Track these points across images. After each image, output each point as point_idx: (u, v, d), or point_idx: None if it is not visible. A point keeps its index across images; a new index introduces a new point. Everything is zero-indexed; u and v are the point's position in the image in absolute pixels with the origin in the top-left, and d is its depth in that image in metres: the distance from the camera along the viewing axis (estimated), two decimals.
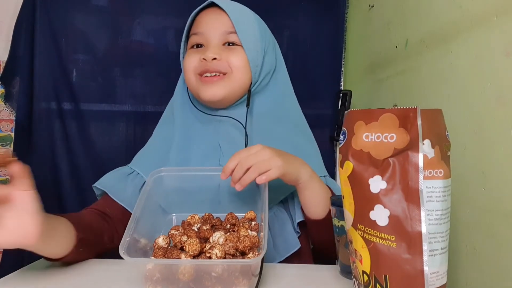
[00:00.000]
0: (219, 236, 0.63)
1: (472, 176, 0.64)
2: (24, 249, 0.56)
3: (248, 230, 0.65)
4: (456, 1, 0.71)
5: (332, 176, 0.90)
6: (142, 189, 0.72)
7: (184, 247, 0.61)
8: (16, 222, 0.51)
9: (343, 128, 0.52)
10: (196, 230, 0.67)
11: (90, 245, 0.70)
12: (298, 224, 0.79)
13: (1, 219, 0.51)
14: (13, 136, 1.39)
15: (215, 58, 0.78)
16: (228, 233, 0.65)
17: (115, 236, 0.76)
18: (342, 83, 1.43)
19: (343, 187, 0.52)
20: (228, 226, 0.70)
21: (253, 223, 0.69)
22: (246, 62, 0.80)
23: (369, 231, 0.48)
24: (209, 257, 0.59)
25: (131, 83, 1.39)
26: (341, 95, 1.38)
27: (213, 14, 0.81)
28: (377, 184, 0.47)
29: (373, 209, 0.48)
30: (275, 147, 0.71)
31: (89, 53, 1.37)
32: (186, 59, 0.83)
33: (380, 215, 0.47)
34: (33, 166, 1.45)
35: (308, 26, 1.41)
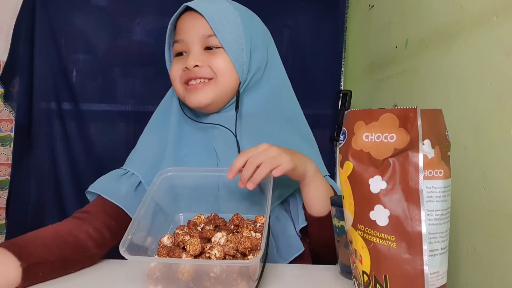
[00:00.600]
0: (220, 237, 0.63)
1: (472, 176, 0.64)
2: None
3: (252, 232, 0.65)
4: (456, 1, 0.71)
5: (332, 176, 0.90)
6: (148, 188, 0.72)
7: (185, 247, 0.61)
8: None
9: (343, 128, 0.52)
10: (200, 230, 0.68)
11: (55, 263, 0.64)
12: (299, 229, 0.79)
13: None
14: (13, 136, 1.39)
15: (196, 65, 0.77)
16: (231, 234, 0.65)
17: (99, 235, 0.72)
18: (342, 83, 1.43)
19: (343, 187, 0.52)
20: (232, 226, 0.70)
21: (258, 224, 0.69)
22: (230, 64, 0.78)
23: (369, 231, 0.48)
24: (209, 257, 0.60)
25: (131, 83, 1.39)
26: (341, 95, 1.38)
27: (190, 19, 0.79)
28: (377, 184, 0.47)
29: (373, 209, 0.47)
30: None
31: (89, 53, 1.37)
32: (171, 68, 0.82)
33: (380, 215, 0.47)
34: (33, 166, 1.47)
35: (308, 26, 1.41)
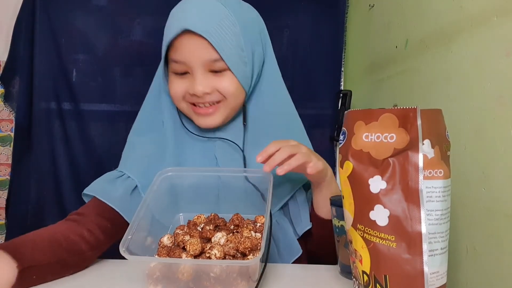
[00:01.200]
0: (220, 237, 0.63)
1: (472, 176, 0.64)
2: None
3: (252, 232, 0.65)
4: (456, 1, 0.71)
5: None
6: (145, 189, 0.72)
7: (186, 247, 0.61)
8: None
9: (343, 128, 0.52)
10: (200, 230, 0.68)
11: (50, 266, 0.64)
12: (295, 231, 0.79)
13: None
14: (13, 136, 1.39)
15: (206, 93, 0.74)
16: (231, 234, 0.65)
17: (93, 238, 0.71)
18: (342, 83, 1.43)
19: (343, 187, 0.52)
20: (232, 226, 0.70)
21: (258, 224, 0.69)
22: (238, 84, 0.75)
23: (369, 231, 0.48)
24: (209, 257, 0.60)
25: (131, 83, 1.39)
26: (341, 95, 1.38)
27: (191, 40, 0.71)
28: (377, 184, 0.47)
29: (373, 209, 0.47)
30: None
31: (89, 53, 1.37)
32: (171, 86, 0.78)
33: (380, 215, 0.47)
34: (33, 166, 1.47)
35: (308, 26, 1.41)
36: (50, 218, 1.31)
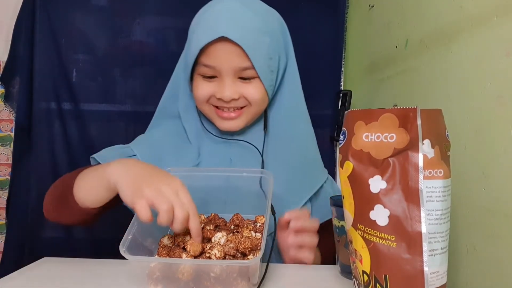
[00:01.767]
0: (220, 237, 0.63)
1: (472, 176, 0.64)
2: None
3: (252, 232, 0.65)
4: (456, 1, 0.71)
5: (332, 176, 0.90)
6: None
7: (186, 247, 0.61)
8: None
9: (343, 128, 0.52)
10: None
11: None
12: None
13: None
14: (13, 136, 1.39)
15: (233, 99, 0.75)
16: (231, 234, 0.65)
17: None
18: (342, 83, 1.43)
19: (343, 187, 0.52)
20: (232, 227, 0.70)
21: (258, 224, 0.69)
22: (264, 91, 0.76)
23: (369, 231, 0.48)
24: (209, 257, 0.60)
25: (131, 83, 1.39)
26: (341, 95, 1.38)
27: (225, 47, 0.72)
28: (377, 184, 0.47)
29: (373, 209, 0.47)
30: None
31: (89, 53, 1.37)
32: (196, 87, 0.78)
33: (380, 215, 0.47)
34: (33, 166, 1.47)
35: (308, 26, 1.41)
36: None
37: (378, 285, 0.48)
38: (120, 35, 1.38)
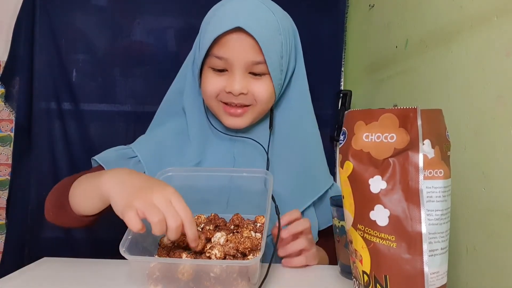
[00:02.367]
0: (219, 236, 0.63)
1: (472, 176, 0.64)
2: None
3: (252, 232, 0.65)
4: (456, 1, 0.71)
5: (332, 176, 0.90)
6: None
7: (186, 246, 0.61)
8: None
9: (343, 128, 0.52)
10: (200, 230, 0.68)
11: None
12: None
13: None
14: (13, 136, 1.39)
15: (242, 93, 0.74)
16: (231, 234, 0.65)
17: None
18: (342, 83, 1.43)
19: (343, 187, 0.52)
20: (232, 227, 0.70)
21: (258, 224, 0.69)
22: (272, 90, 0.76)
23: (369, 231, 0.48)
24: (209, 257, 0.60)
25: (131, 83, 1.39)
26: (341, 95, 1.38)
27: (241, 38, 0.72)
28: (377, 184, 0.47)
29: (373, 209, 0.47)
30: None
31: (89, 53, 1.37)
32: (205, 81, 0.77)
33: (380, 215, 0.47)
34: (33, 166, 1.47)
35: (308, 26, 1.41)
36: None
37: (378, 285, 0.48)
38: (120, 35, 1.38)
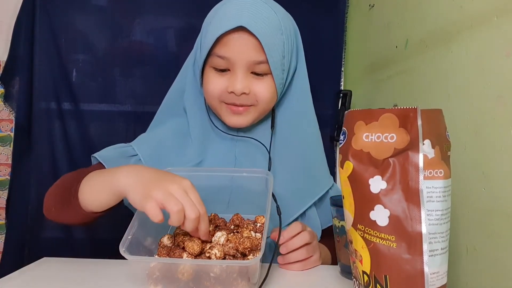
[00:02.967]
0: (219, 236, 0.63)
1: (472, 176, 0.64)
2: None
3: (252, 232, 0.65)
4: (456, 1, 0.71)
5: (332, 176, 0.90)
6: None
7: (185, 247, 0.61)
8: None
9: (343, 128, 0.52)
10: None
11: None
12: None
13: None
14: (13, 136, 1.39)
15: (244, 93, 0.74)
16: (231, 234, 0.65)
17: None
18: (342, 83, 1.43)
19: (343, 187, 0.52)
20: (232, 227, 0.70)
21: (258, 224, 0.69)
22: (274, 90, 0.76)
23: (369, 231, 0.48)
24: (209, 257, 0.60)
25: (131, 83, 1.39)
26: (341, 95, 1.38)
27: (243, 37, 0.72)
28: (377, 184, 0.47)
29: (373, 209, 0.47)
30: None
31: (89, 53, 1.37)
32: (207, 81, 0.76)
33: (380, 215, 0.47)
34: (33, 166, 1.46)
35: (308, 26, 1.41)
36: None
37: (378, 285, 0.48)
38: (120, 35, 1.38)
